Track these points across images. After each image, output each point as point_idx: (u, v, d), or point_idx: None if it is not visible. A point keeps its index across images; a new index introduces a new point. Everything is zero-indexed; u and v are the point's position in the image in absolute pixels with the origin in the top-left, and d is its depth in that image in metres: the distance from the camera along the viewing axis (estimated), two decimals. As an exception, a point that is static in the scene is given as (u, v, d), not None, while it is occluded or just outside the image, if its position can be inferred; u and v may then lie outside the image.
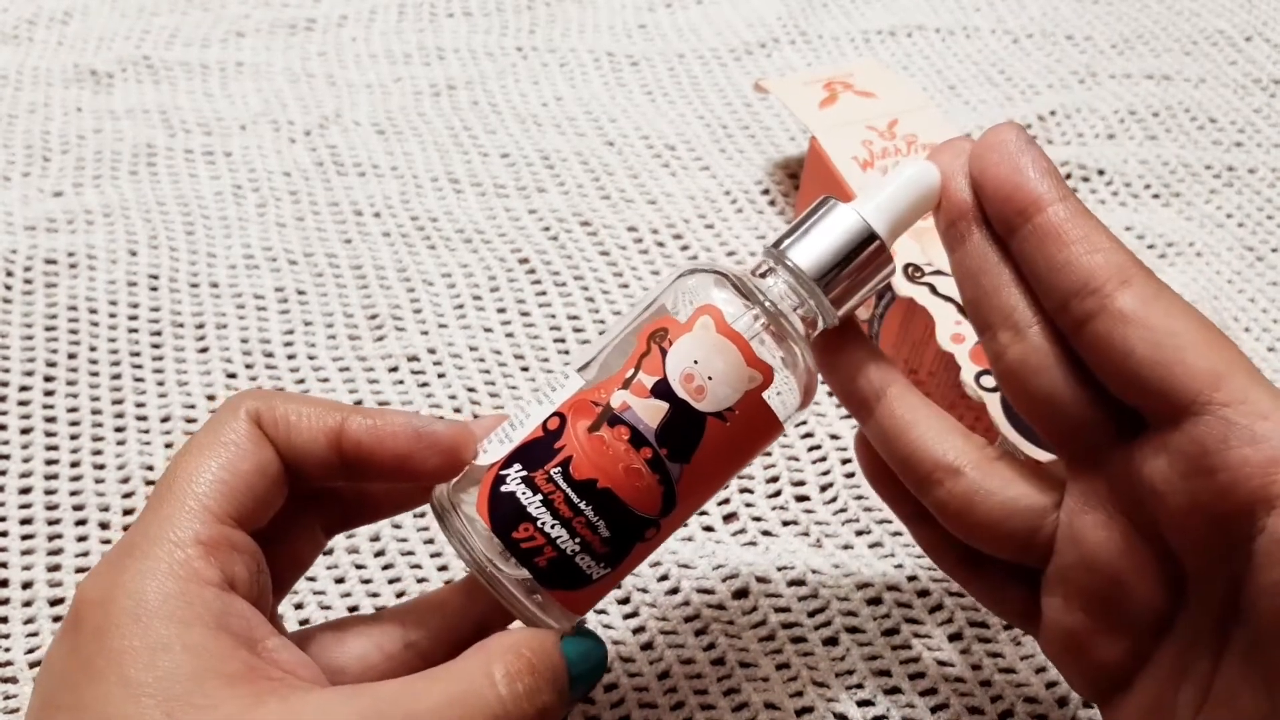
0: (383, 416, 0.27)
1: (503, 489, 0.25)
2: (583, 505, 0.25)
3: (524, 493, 0.25)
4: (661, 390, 0.25)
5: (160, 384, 0.44)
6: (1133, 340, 0.22)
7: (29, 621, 0.37)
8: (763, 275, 0.27)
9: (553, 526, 0.25)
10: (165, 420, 0.43)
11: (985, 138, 0.25)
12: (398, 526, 0.39)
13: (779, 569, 0.38)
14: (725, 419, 0.26)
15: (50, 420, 0.43)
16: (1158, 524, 0.23)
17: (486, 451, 0.26)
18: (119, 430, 0.42)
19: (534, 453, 0.26)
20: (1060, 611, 0.25)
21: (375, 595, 0.38)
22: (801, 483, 0.41)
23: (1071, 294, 0.23)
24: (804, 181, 0.49)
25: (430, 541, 0.39)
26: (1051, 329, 0.24)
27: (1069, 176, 0.54)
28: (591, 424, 0.25)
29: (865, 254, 0.26)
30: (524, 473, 0.25)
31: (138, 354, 0.45)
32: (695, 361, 0.25)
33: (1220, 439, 0.21)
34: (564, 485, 0.25)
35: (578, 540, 0.26)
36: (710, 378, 0.25)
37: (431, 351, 0.46)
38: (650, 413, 0.25)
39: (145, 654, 0.22)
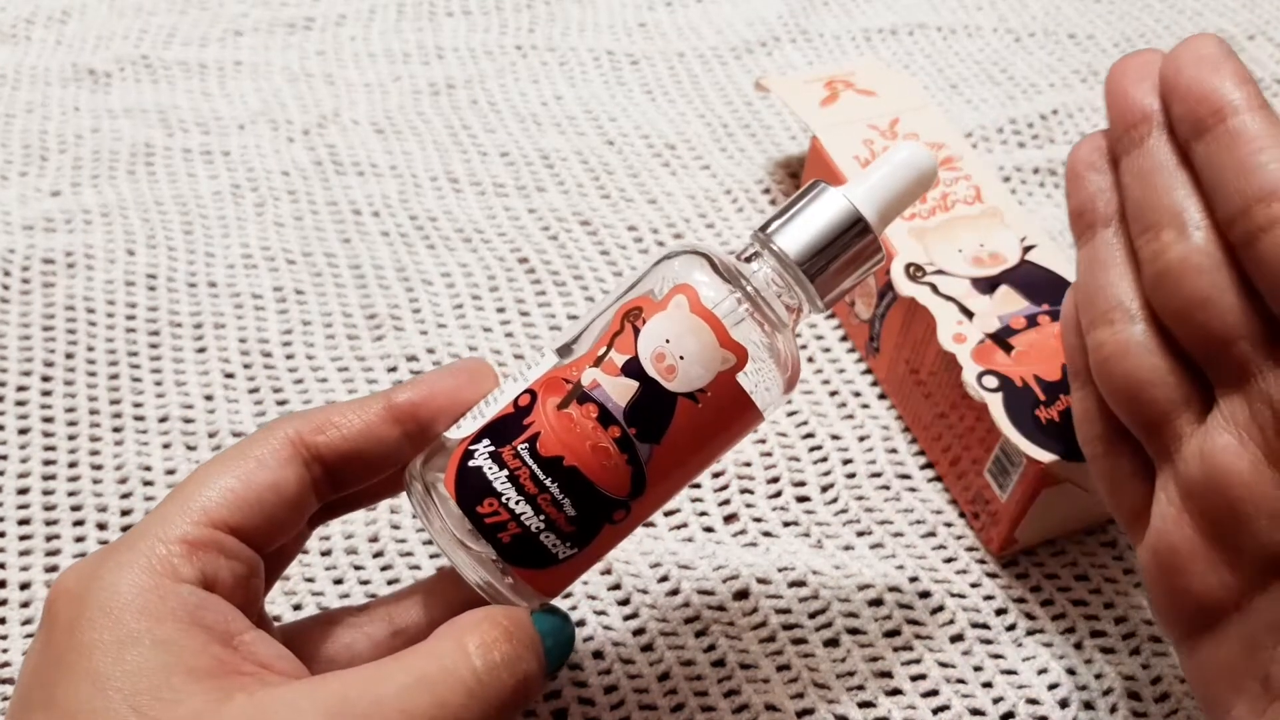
0: (417, 380, 0.28)
1: (470, 463, 0.25)
2: (548, 482, 0.25)
3: (490, 468, 0.25)
4: (632, 369, 0.25)
5: (158, 384, 0.44)
6: None
7: (26, 623, 0.37)
8: (748, 259, 0.27)
9: (517, 502, 0.25)
10: (163, 420, 0.43)
11: (1187, 43, 0.25)
12: (396, 528, 0.39)
13: (780, 570, 0.38)
14: (697, 400, 0.25)
15: (48, 420, 0.43)
16: None
17: (460, 427, 0.26)
18: (117, 430, 0.42)
19: (503, 428, 0.25)
20: (1171, 523, 0.24)
21: (373, 598, 0.37)
22: (802, 483, 0.41)
23: (1255, 199, 0.22)
24: (805, 180, 0.48)
25: (429, 543, 0.39)
26: (1219, 234, 0.23)
27: (1071, 175, 0.54)
28: (561, 401, 0.25)
29: (852, 240, 0.26)
30: (492, 448, 0.25)
31: (135, 354, 0.45)
32: (667, 340, 0.25)
33: None
34: (530, 461, 0.25)
35: (543, 518, 0.25)
36: (682, 357, 0.25)
37: (430, 351, 0.45)
38: (620, 391, 0.25)
39: (114, 648, 0.22)
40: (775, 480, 0.41)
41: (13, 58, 0.60)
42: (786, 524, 0.40)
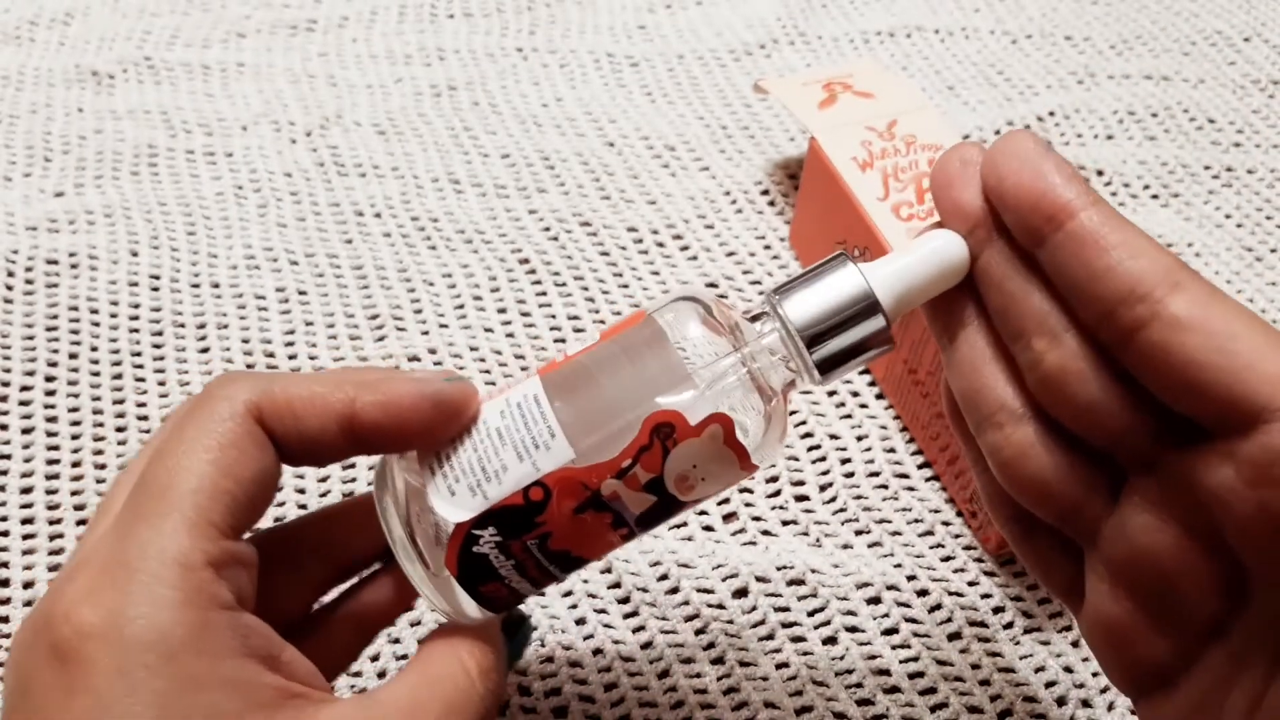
0: (392, 389, 0.25)
1: (475, 550, 0.25)
2: (552, 568, 0.26)
3: (497, 557, 0.25)
4: (654, 487, 0.25)
5: (161, 384, 0.44)
6: (1191, 347, 0.21)
7: (31, 621, 0.37)
8: (755, 319, 0.26)
9: (519, 583, 0.26)
10: (166, 420, 0.43)
11: (1001, 145, 0.24)
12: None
13: (778, 568, 0.38)
14: (699, 502, 0.26)
15: (51, 420, 0.43)
16: (1221, 531, 0.22)
17: (455, 494, 0.25)
18: (120, 430, 0.43)
19: (512, 520, 0.25)
20: (1106, 598, 0.25)
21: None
22: (801, 483, 0.41)
23: (1118, 301, 0.22)
24: (804, 182, 0.49)
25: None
26: (1089, 334, 0.23)
27: (1068, 177, 0.54)
28: (577, 506, 0.25)
29: (860, 321, 0.25)
30: (499, 538, 0.25)
31: (139, 354, 0.45)
32: (694, 466, 0.25)
33: None
34: (538, 554, 0.26)
35: (537, 587, 0.26)
36: (704, 479, 0.26)
37: (432, 351, 0.46)
38: (637, 503, 0.25)
39: (184, 695, 0.21)
40: (774, 480, 0.41)
41: (16, 59, 0.60)
42: (785, 523, 0.40)
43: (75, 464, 0.41)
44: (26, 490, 0.41)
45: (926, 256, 0.25)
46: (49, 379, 0.44)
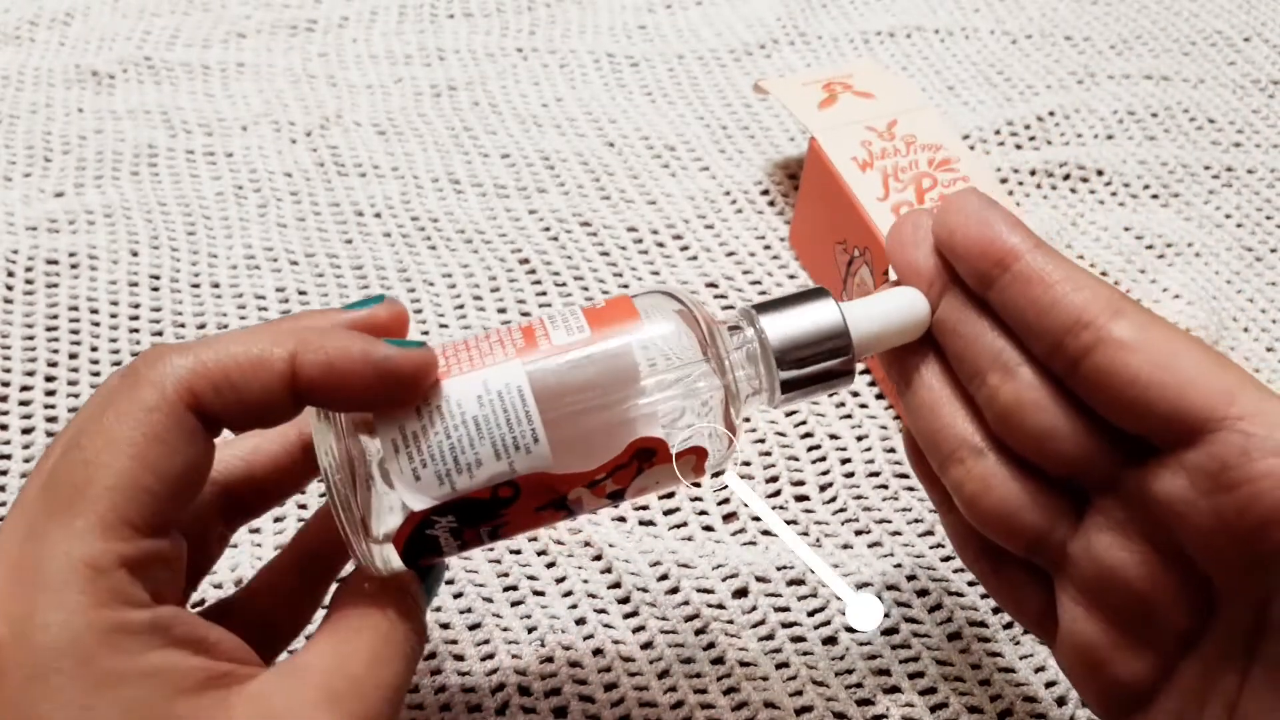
0: (336, 346, 0.24)
1: (429, 533, 0.25)
2: (491, 545, 0.27)
3: (447, 539, 0.26)
4: (615, 495, 0.26)
5: (161, 384, 0.44)
6: (1136, 366, 0.23)
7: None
8: (732, 329, 0.27)
9: (454, 554, 0.26)
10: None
11: (948, 203, 0.26)
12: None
13: (778, 568, 0.38)
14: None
15: (51, 420, 0.43)
16: (1181, 543, 0.23)
17: (420, 479, 0.24)
18: (120, 430, 0.43)
19: (474, 511, 0.25)
20: (1080, 622, 0.25)
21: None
22: (801, 483, 0.41)
23: (1064, 331, 0.23)
24: (803, 182, 0.49)
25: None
26: (1041, 367, 0.25)
27: (1068, 177, 0.54)
28: (540, 505, 0.26)
29: (830, 352, 0.27)
30: (455, 525, 0.25)
31: (139, 354, 0.45)
32: (657, 483, 0.27)
33: (1241, 452, 0.21)
34: (487, 539, 0.26)
35: (464, 552, 0.27)
36: (656, 488, 0.27)
37: (432, 352, 0.46)
38: (594, 504, 0.26)
39: (103, 693, 0.21)
40: (774, 480, 0.41)
41: (16, 59, 0.60)
42: (785, 523, 0.40)
43: (75, 464, 0.41)
44: (27, 490, 0.41)
45: (893, 309, 0.27)
46: (49, 379, 0.44)
